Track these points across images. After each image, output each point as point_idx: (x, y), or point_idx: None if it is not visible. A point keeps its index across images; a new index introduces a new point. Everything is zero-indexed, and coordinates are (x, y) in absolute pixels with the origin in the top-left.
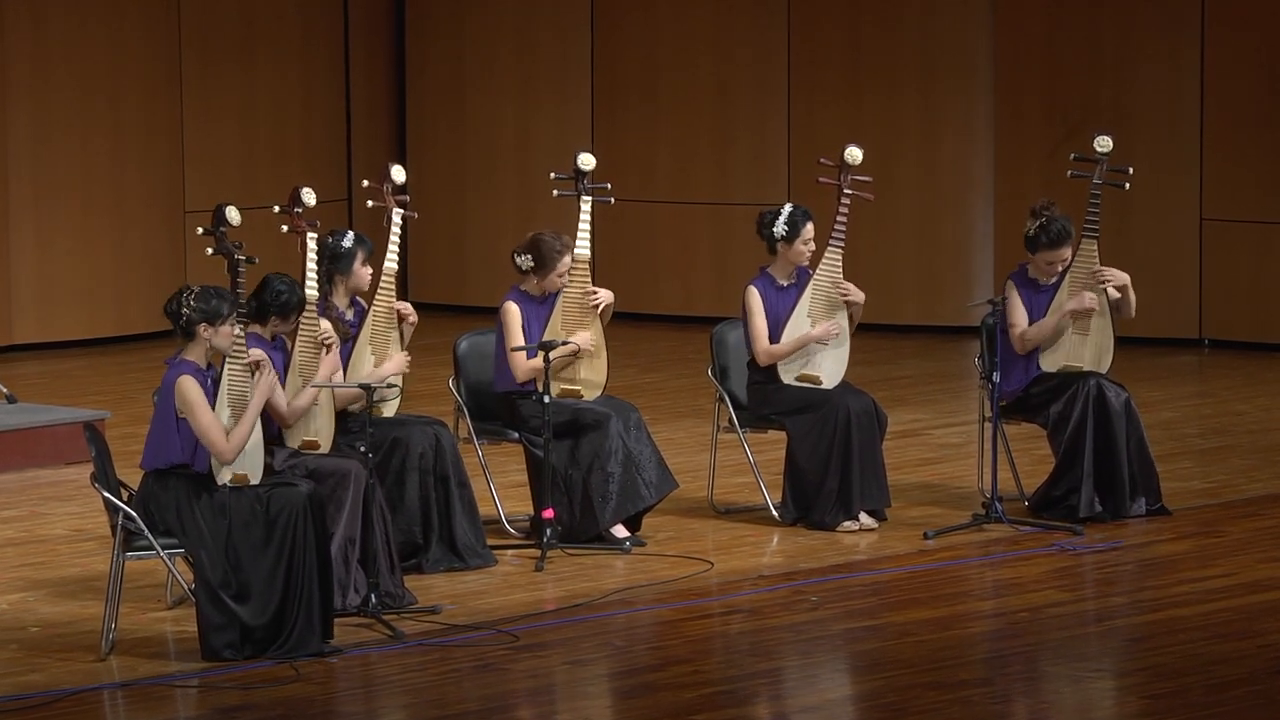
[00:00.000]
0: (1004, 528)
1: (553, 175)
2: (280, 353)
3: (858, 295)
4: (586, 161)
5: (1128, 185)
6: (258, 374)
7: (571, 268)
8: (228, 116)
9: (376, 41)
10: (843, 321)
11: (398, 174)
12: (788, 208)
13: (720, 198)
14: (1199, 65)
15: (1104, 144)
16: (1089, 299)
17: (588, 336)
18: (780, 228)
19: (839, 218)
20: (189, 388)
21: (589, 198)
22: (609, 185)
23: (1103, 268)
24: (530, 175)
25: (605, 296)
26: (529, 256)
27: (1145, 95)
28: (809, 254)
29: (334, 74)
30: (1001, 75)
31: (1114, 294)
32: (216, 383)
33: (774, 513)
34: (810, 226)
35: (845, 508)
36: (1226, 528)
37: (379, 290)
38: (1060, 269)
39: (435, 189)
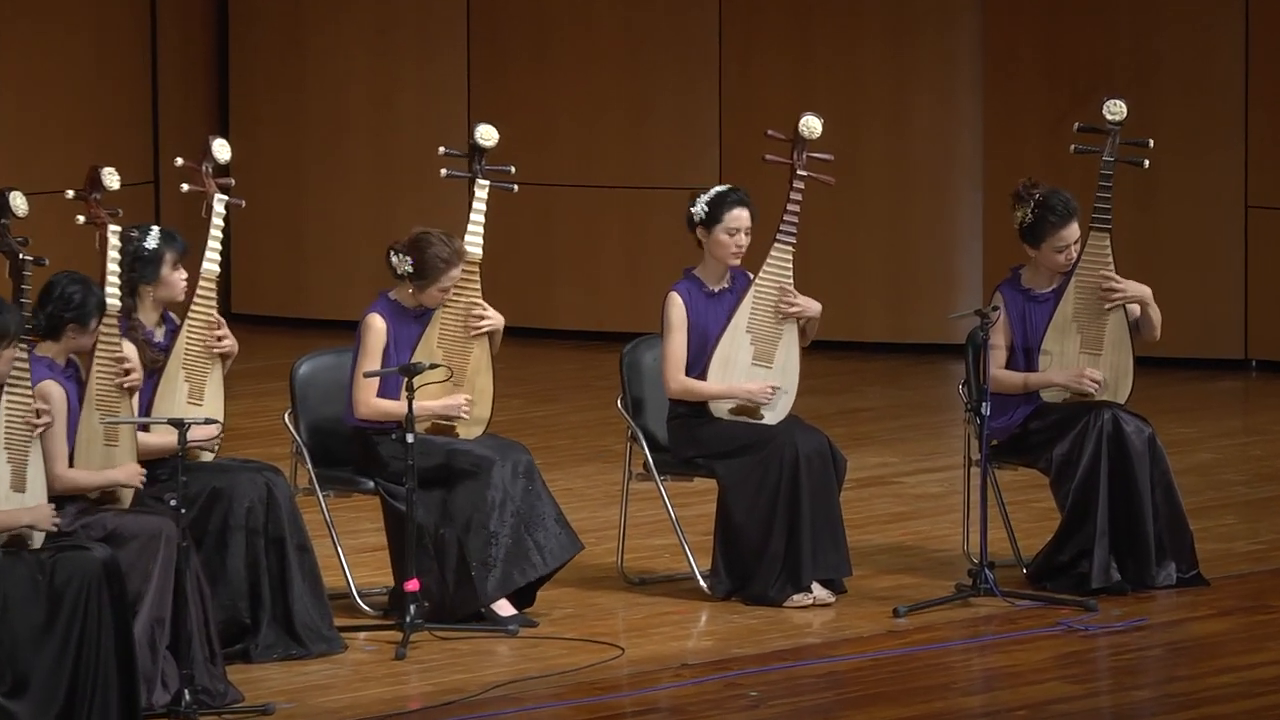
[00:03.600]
0: (996, 602)
1: (442, 150)
2: (75, 383)
3: (809, 308)
4: (487, 135)
5: (1147, 163)
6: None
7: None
8: (1, 79)
9: None
10: (789, 353)
11: (221, 151)
12: (717, 187)
13: (634, 180)
14: (1243, 12)
15: (1115, 110)
16: (1087, 379)
17: (459, 401)
18: (699, 208)
19: (790, 206)
20: None
21: (485, 182)
22: (513, 169)
23: (1114, 277)
24: (389, 152)
25: (495, 322)
26: (409, 260)
27: (1175, 50)
28: (735, 249)
29: (136, 25)
30: (992, 25)
31: (1133, 310)
32: None
33: (702, 584)
34: (742, 213)
35: (793, 577)
36: (1278, 602)
37: (196, 299)
38: (1074, 253)
39: (267, 169)
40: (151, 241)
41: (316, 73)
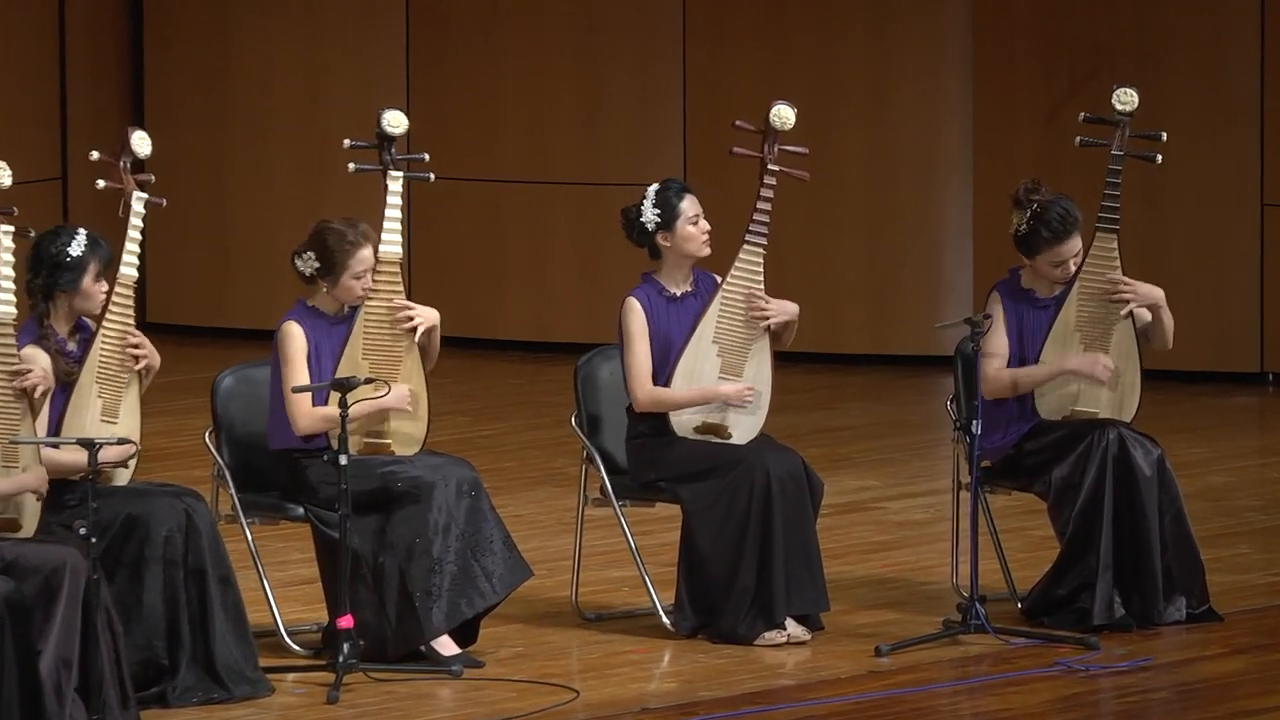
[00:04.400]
0: (988, 639)
1: (348, 143)
2: None
3: (782, 311)
4: (395, 122)
5: (1159, 158)
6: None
7: (377, 272)
8: None
9: None
10: (760, 366)
11: (140, 144)
12: (652, 187)
13: (589, 176)
14: None
15: (1126, 100)
16: (1102, 367)
17: (404, 392)
18: (650, 214)
19: (760, 204)
20: None
21: (399, 173)
22: (426, 156)
23: (1124, 280)
24: (319, 147)
25: (426, 317)
26: (312, 255)
27: (1183, 32)
28: (704, 237)
29: (42, 6)
30: (982, 3)
31: (1143, 315)
32: None
33: (664, 620)
34: (693, 199)
35: (765, 613)
36: None
37: (111, 307)
38: (1074, 267)
39: (187, 166)
40: (76, 248)
41: (240, 61)
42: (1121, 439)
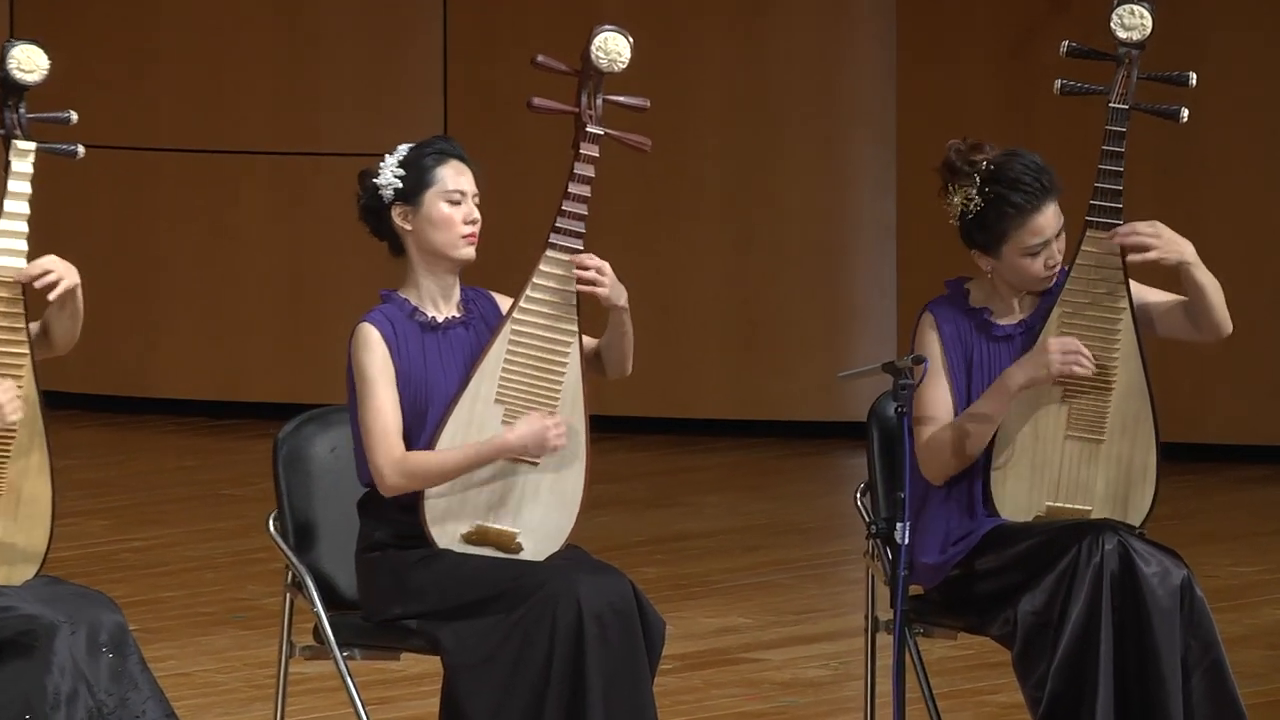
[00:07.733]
0: None
1: None
2: None
3: (606, 288)
4: (28, 65)
5: (1185, 113)
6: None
7: None
8: None
9: None
10: (570, 437)
11: None
12: (403, 147)
13: (292, 142)
14: None
15: (1132, 23)
16: (1069, 359)
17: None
18: (389, 176)
19: (574, 188)
20: None
21: (29, 145)
22: (73, 116)
23: (1138, 231)
24: None
25: (67, 276)
26: None
27: None
28: (467, 228)
29: None
30: None
31: (1157, 302)
32: None
33: None
34: (461, 167)
35: None
36: None
37: None
38: (1059, 254)
39: None
40: None
41: None
42: (1126, 552)
